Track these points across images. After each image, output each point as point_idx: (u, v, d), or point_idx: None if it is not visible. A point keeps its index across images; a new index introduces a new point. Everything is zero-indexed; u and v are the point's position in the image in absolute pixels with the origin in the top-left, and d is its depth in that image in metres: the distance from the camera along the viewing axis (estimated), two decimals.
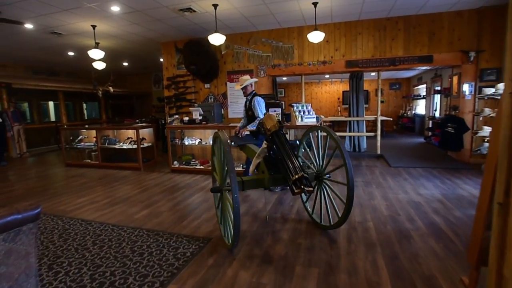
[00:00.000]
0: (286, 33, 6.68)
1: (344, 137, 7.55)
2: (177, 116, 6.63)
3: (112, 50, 8.23)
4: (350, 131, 7.28)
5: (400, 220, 3.08)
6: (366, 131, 7.52)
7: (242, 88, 4.13)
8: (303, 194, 3.24)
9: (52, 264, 2.46)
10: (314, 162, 3.04)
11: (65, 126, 8.89)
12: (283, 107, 5.34)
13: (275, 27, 6.58)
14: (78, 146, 7.08)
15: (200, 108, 6.07)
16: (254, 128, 3.91)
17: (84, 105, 13.91)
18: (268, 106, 5.21)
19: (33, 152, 9.43)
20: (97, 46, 7.04)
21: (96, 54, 6.20)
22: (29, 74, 10.36)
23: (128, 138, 6.66)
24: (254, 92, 4.19)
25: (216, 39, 5.27)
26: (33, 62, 9.81)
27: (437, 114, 9.35)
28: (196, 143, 5.96)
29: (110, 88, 10.17)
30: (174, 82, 7.77)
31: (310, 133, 3.19)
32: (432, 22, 5.78)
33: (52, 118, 11.87)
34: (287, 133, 4.76)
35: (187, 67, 6.94)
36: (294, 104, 5.27)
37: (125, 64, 10.88)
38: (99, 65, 7.32)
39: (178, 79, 7.71)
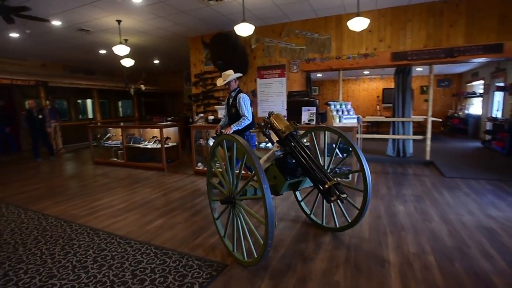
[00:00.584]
0: (323, 23, 6.00)
1: (386, 140, 6.71)
2: (202, 114, 6.27)
3: (141, 47, 8.12)
4: (394, 133, 6.41)
5: (472, 256, 2.35)
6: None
7: (225, 84, 3.83)
8: (297, 192, 3.16)
9: (42, 285, 2.12)
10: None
11: (99, 124, 9.01)
12: (318, 106, 4.72)
13: (310, 16, 5.94)
14: (106, 144, 7.01)
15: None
16: (240, 128, 3.68)
17: (120, 103, 14.26)
18: (301, 105, 4.63)
19: (69, 148, 9.70)
20: (125, 42, 6.92)
21: (121, 50, 6.02)
22: (67, 73, 10.70)
23: (153, 137, 6.43)
24: (238, 88, 3.92)
25: (244, 29, 4.77)
26: (70, 61, 10.08)
27: (498, 114, 8.06)
28: None
29: (142, 86, 10.22)
30: (201, 79, 7.44)
31: (311, 133, 3.07)
32: (504, 2, 4.78)
33: (90, 115, 12.23)
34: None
35: (213, 62, 6.54)
36: (331, 103, 4.62)
37: (156, 62, 10.84)
38: (127, 62, 7.21)
39: (206, 76, 7.36)
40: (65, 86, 9.59)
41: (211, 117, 5.69)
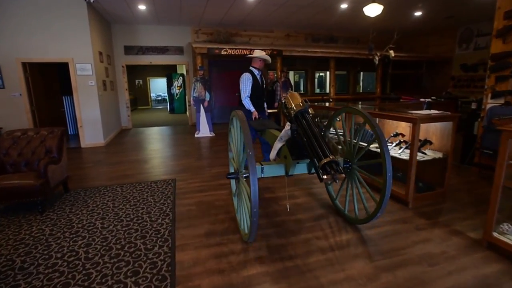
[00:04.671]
0: None
1: None
2: None
3: None
4: None
5: None
6: None
7: (261, 61, 3.84)
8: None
9: None
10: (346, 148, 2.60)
11: (330, 100, 7.35)
12: None
13: None
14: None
15: None
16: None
17: (361, 76, 12.09)
18: None
19: None
20: None
21: None
22: (308, 42, 9.74)
23: (397, 134, 3.64)
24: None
25: None
26: (312, 28, 9.03)
27: None
28: None
29: (391, 52, 7.30)
30: None
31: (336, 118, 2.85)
32: None
33: (328, 89, 10.97)
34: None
35: None
36: None
37: (417, 14, 7.40)
38: (372, 10, 4.66)
39: None
40: (299, 55, 8.56)
41: None
